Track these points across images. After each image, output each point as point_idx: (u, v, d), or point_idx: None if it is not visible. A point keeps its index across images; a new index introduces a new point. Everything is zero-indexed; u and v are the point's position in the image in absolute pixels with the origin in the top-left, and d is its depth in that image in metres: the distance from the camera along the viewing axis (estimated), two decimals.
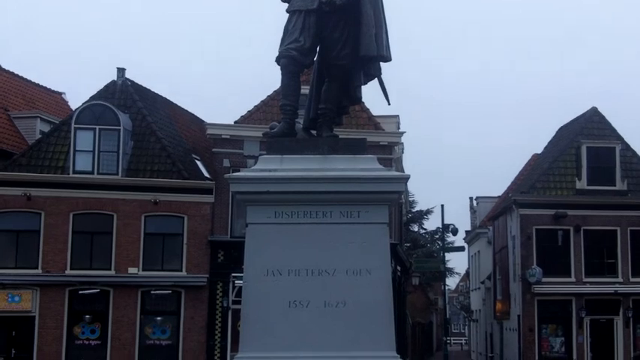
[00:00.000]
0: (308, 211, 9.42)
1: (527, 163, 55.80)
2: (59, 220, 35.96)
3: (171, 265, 36.97)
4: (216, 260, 37.12)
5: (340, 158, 9.64)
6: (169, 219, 37.10)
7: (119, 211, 36.47)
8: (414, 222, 74.43)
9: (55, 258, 35.86)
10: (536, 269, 40.86)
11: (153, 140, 38.09)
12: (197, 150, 41.08)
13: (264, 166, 9.59)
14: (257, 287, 9.31)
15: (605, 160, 42.31)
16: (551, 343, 41.40)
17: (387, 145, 38.44)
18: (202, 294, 36.90)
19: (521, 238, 41.94)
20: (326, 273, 9.29)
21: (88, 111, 37.18)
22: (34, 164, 36.70)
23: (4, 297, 35.45)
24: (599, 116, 45.02)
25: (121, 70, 40.29)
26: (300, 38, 9.88)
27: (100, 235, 36.47)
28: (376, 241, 9.44)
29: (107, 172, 36.73)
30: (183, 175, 37.26)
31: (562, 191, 42.56)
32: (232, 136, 38.01)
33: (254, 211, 9.50)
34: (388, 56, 10.17)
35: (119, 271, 36.27)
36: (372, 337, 9.19)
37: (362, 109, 38.99)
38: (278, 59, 10.01)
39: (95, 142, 36.61)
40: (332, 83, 10.21)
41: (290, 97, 10.06)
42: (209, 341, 36.75)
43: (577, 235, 41.49)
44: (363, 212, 9.46)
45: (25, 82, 46.38)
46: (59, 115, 44.17)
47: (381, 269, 9.42)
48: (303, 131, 10.30)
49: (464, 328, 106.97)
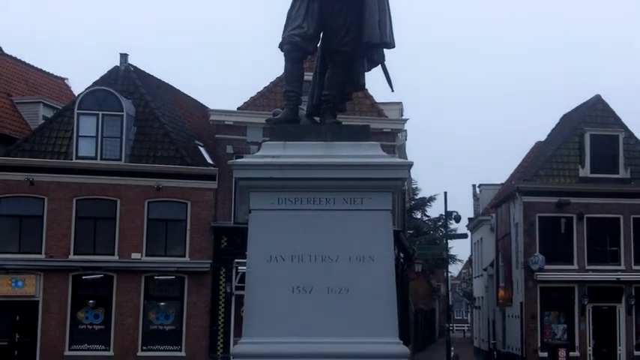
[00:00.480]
0: (311, 198, 9.42)
1: (530, 150, 55.73)
2: (62, 206, 36.01)
3: (175, 251, 37.04)
4: (219, 246, 37.18)
5: (343, 145, 9.63)
6: (172, 205, 37.14)
7: (122, 196, 36.52)
8: (417, 209, 74.48)
9: (58, 243, 35.94)
10: (539, 257, 40.90)
11: (156, 126, 38.10)
12: (200, 136, 41.09)
13: (267, 153, 9.58)
14: (260, 273, 9.32)
15: (609, 148, 42.28)
16: (554, 330, 41.47)
17: (390, 131, 38.42)
18: (205, 279, 36.97)
19: (524, 226, 41.95)
20: (329, 259, 9.30)
21: (90, 96, 37.18)
22: (37, 149, 36.73)
23: (8, 282, 35.53)
24: (603, 104, 44.95)
25: (123, 55, 40.27)
26: (304, 24, 9.86)
27: (104, 220, 36.53)
28: (379, 228, 9.43)
29: (110, 158, 36.76)
30: (186, 162, 37.28)
31: (565, 179, 42.53)
32: (235, 122, 38.00)
33: (257, 198, 9.50)
34: (392, 43, 10.13)
35: (122, 256, 36.35)
36: (375, 323, 9.20)
37: (365, 96, 38.95)
38: (281, 45, 9.98)
39: (98, 127, 36.62)
40: (335, 70, 10.19)
41: (293, 84, 10.04)
42: (212, 327, 36.85)
43: (580, 223, 41.50)
44: (367, 199, 9.45)
45: (28, 67, 46.37)
46: (62, 100, 44.17)
47: (384, 256, 9.41)
48: (306, 118, 10.28)
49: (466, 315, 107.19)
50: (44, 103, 42.18)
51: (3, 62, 44.12)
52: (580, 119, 44.38)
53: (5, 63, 44.28)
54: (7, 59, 44.88)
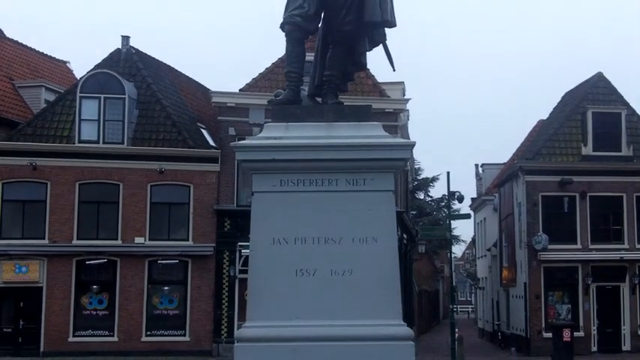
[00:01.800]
0: (314, 179, 9.38)
1: (532, 129, 55.61)
2: (65, 190, 36.02)
3: (178, 235, 37.07)
4: (222, 229, 37.19)
5: (345, 125, 9.58)
6: (175, 188, 37.14)
7: (125, 180, 36.52)
8: (419, 189, 74.45)
9: (61, 228, 35.96)
10: (542, 236, 40.85)
11: (158, 109, 38.06)
12: (202, 118, 41.04)
13: (270, 134, 9.54)
14: (263, 256, 9.29)
15: (611, 126, 42.13)
16: (558, 310, 41.46)
17: (393, 112, 38.35)
18: (209, 263, 37.01)
19: (527, 205, 41.87)
20: (332, 241, 9.26)
21: (92, 80, 37.13)
22: (39, 134, 36.70)
23: (12, 268, 35.58)
24: (605, 81, 44.79)
25: (125, 38, 40.18)
26: (305, 4, 9.79)
27: (107, 204, 36.54)
28: (382, 209, 9.39)
29: (112, 142, 36.75)
30: (188, 144, 37.25)
31: (567, 157, 42.44)
32: (237, 104, 37.95)
33: (260, 180, 9.46)
34: (393, 22, 10.07)
35: (126, 240, 36.37)
36: (379, 305, 9.17)
37: (367, 76, 38.85)
38: (282, 26, 9.93)
39: (100, 111, 36.59)
40: (337, 50, 10.13)
41: (295, 64, 9.99)
42: (216, 310, 36.92)
43: (583, 202, 41.41)
44: (369, 180, 9.41)
45: (29, 51, 46.30)
46: (64, 84, 44.13)
47: (388, 237, 9.38)
48: (308, 98, 10.24)
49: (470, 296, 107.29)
50: (46, 86, 42.14)
51: (4, 46, 44.05)
52: (582, 97, 44.23)
53: (7, 47, 44.21)
54: (9, 43, 44.81)
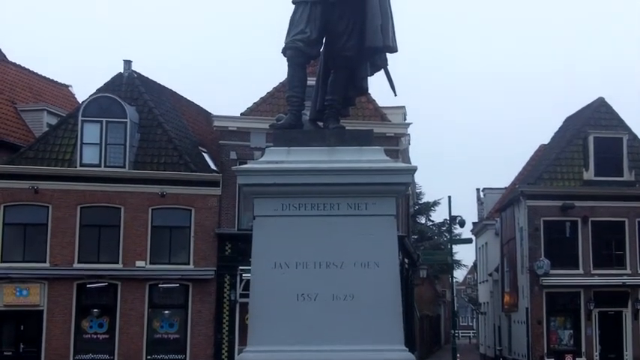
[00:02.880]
0: (315, 204, 9.37)
1: (534, 153, 55.67)
2: (67, 214, 35.99)
3: (179, 258, 36.99)
4: (223, 253, 37.12)
5: (347, 150, 9.59)
6: (176, 212, 37.10)
7: (126, 204, 36.49)
8: (421, 214, 74.38)
9: (62, 251, 35.90)
10: (544, 261, 40.79)
11: (160, 132, 38.09)
12: (204, 142, 41.07)
13: (271, 158, 9.55)
14: (265, 280, 9.26)
15: (613, 151, 42.17)
16: (560, 336, 41.33)
17: (394, 136, 38.36)
18: (210, 287, 36.91)
19: (529, 230, 41.84)
20: (334, 266, 9.25)
21: (94, 103, 37.18)
22: (41, 157, 36.71)
23: (13, 291, 35.49)
24: (607, 106, 44.89)
25: (127, 62, 40.28)
26: (307, 29, 9.83)
27: (108, 228, 36.48)
28: (384, 234, 9.39)
29: (114, 165, 36.75)
30: (190, 168, 37.26)
31: (569, 182, 42.45)
32: (239, 128, 37.98)
33: (261, 204, 9.46)
34: (394, 47, 10.11)
35: (127, 264, 36.30)
36: (381, 330, 9.14)
37: (368, 101, 38.90)
38: (284, 51, 9.96)
39: (102, 134, 36.62)
40: (338, 74, 10.17)
41: (296, 89, 10.02)
42: (217, 335, 36.77)
43: (585, 227, 41.38)
44: (371, 204, 9.41)
45: (32, 74, 46.40)
46: (66, 107, 44.20)
47: (389, 262, 9.37)
48: (309, 123, 10.25)
49: (472, 321, 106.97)
50: (48, 110, 42.20)
51: (7, 70, 44.16)
52: (584, 122, 44.30)
53: (9, 71, 44.32)
54: (11, 67, 44.93)
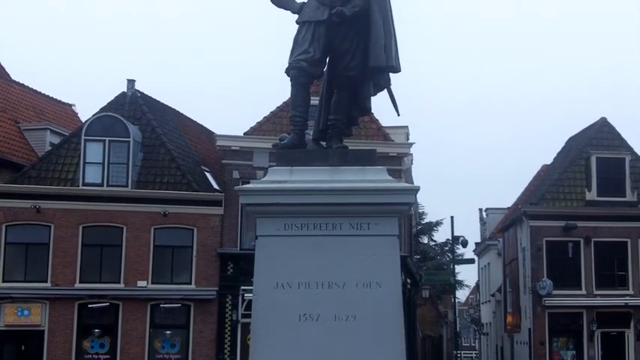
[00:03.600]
0: (318, 224, 9.37)
1: (536, 173, 55.69)
2: (69, 233, 35.95)
3: (181, 278, 36.91)
4: (225, 273, 37.05)
5: (350, 170, 9.60)
6: (179, 231, 37.06)
7: (128, 223, 36.46)
8: (423, 234, 74.28)
9: (64, 271, 35.85)
10: (547, 281, 40.71)
11: (162, 152, 38.11)
12: (206, 161, 41.08)
13: (274, 178, 9.55)
14: (267, 300, 9.24)
15: (615, 171, 42.20)
16: (563, 357, 41.19)
17: (397, 156, 38.35)
18: (212, 307, 36.81)
19: (532, 250, 41.79)
20: (336, 286, 9.23)
21: (97, 123, 37.22)
22: (43, 176, 36.72)
23: (14, 311, 35.40)
24: (609, 127, 44.93)
25: (130, 81, 40.34)
26: (310, 49, 9.86)
27: (110, 247, 36.43)
28: (386, 254, 9.37)
29: (117, 184, 36.75)
30: (192, 187, 37.25)
31: (572, 202, 42.43)
32: (242, 147, 37.99)
33: (264, 224, 9.46)
34: (397, 67, 10.14)
35: (128, 284, 36.23)
36: (383, 350, 9.11)
37: (371, 120, 38.93)
38: (287, 70, 9.99)
39: (105, 153, 36.63)
40: (341, 94, 10.19)
41: (299, 109, 10.04)
42: (218, 355, 36.65)
43: (587, 247, 41.33)
44: (373, 224, 9.40)
45: (35, 93, 46.48)
46: (69, 126, 44.25)
47: (392, 282, 9.35)
48: (312, 142, 10.27)
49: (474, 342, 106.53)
50: (51, 129, 42.25)
51: (10, 89, 44.26)
52: (586, 142, 44.33)
53: (13, 90, 44.42)
54: (15, 86, 45.03)
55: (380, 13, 9.92)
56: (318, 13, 9.97)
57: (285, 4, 10.26)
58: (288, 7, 10.24)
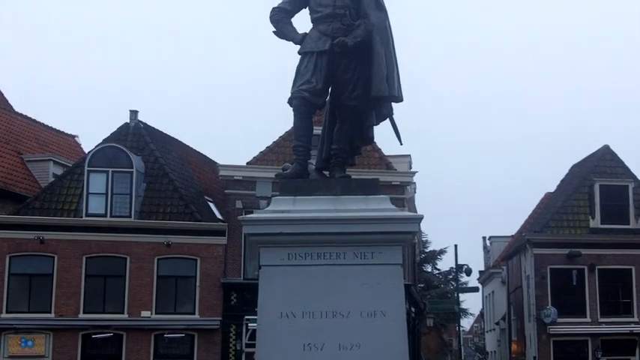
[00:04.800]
0: (321, 253, 9.39)
1: (540, 201, 55.66)
2: (72, 264, 35.95)
3: (184, 308, 36.85)
4: (229, 303, 36.98)
5: (353, 199, 9.63)
6: (182, 261, 37.04)
7: (132, 253, 36.45)
8: (427, 262, 74.12)
9: (68, 302, 35.81)
10: (551, 309, 40.59)
11: (165, 182, 38.16)
12: (209, 191, 41.13)
13: (277, 208, 9.58)
14: (271, 330, 9.24)
15: (619, 199, 42.19)
16: None
17: (399, 184, 38.38)
18: (215, 337, 36.72)
19: (536, 278, 41.70)
20: (340, 315, 9.23)
21: (100, 153, 37.31)
22: (47, 207, 36.76)
23: (18, 342, 35.32)
24: (612, 154, 44.95)
25: (133, 112, 40.47)
26: (312, 79, 9.92)
27: (113, 278, 36.41)
28: (390, 283, 9.38)
29: (120, 215, 36.78)
30: (195, 217, 37.26)
31: (576, 230, 42.40)
32: (245, 177, 38.04)
33: (267, 253, 9.47)
34: (400, 97, 10.21)
35: (132, 314, 36.16)
36: None
37: (374, 149, 39.00)
38: (290, 100, 10.05)
39: (108, 184, 36.69)
40: (344, 124, 10.24)
41: (302, 138, 10.08)
42: None
43: (592, 275, 41.25)
44: (377, 253, 9.42)
45: (38, 125, 46.63)
46: (72, 158, 44.34)
47: (396, 311, 9.35)
48: (315, 172, 10.30)
49: None
50: (54, 160, 42.34)
51: (14, 121, 44.42)
52: (589, 170, 44.36)
53: (16, 121, 44.57)
54: (18, 117, 45.19)
55: (382, 43, 9.99)
56: (320, 44, 10.04)
57: (287, 35, 10.34)
58: (290, 37, 10.31)
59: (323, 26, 10.12)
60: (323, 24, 10.13)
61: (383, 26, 10.09)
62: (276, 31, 10.37)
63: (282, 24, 10.35)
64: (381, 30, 10.05)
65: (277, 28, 10.36)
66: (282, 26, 10.35)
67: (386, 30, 10.13)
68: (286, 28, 10.35)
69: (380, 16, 10.09)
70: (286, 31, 10.34)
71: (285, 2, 10.42)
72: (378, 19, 10.05)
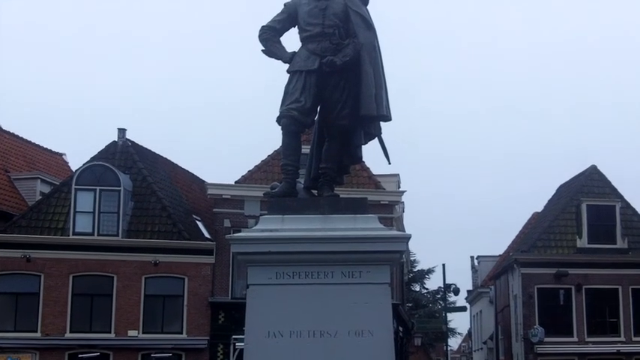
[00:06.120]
0: (309, 272, 9.38)
1: (527, 221, 55.76)
2: (59, 282, 35.80)
3: (172, 328, 36.72)
4: (216, 322, 36.87)
5: (341, 218, 9.63)
6: (170, 280, 36.95)
7: (119, 272, 36.34)
8: (415, 282, 74.11)
9: (54, 321, 35.63)
10: (539, 329, 40.62)
11: (153, 200, 38.10)
12: (198, 210, 41.07)
13: (266, 227, 9.57)
14: (258, 349, 9.21)
15: (606, 219, 42.32)
16: None
17: (388, 204, 38.42)
18: (203, 356, 36.58)
19: (523, 298, 41.74)
20: (327, 334, 9.20)
21: (88, 172, 37.25)
22: (34, 226, 36.64)
23: None
24: (599, 174, 45.11)
25: (121, 130, 40.45)
26: (301, 98, 9.95)
27: (100, 297, 36.28)
28: (378, 302, 9.37)
29: (107, 234, 36.67)
30: (183, 236, 37.19)
31: (563, 250, 42.48)
32: (233, 196, 38.02)
33: (255, 272, 9.46)
34: (388, 116, 10.23)
35: (119, 333, 36.00)
36: None
37: (362, 168, 39.05)
38: (279, 119, 10.06)
39: (95, 202, 36.61)
40: (332, 143, 10.25)
41: (291, 157, 10.09)
42: None
43: (579, 294, 41.31)
44: (365, 272, 9.42)
45: (25, 143, 46.51)
46: (60, 176, 44.22)
47: (384, 330, 9.33)
48: (304, 191, 10.31)
49: None
50: (42, 178, 42.20)
51: (1, 138, 44.28)
52: (576, 190, 44.50)
53: (3, 139, 44.44)
54: (5, 135, 45.05)
55: (370, 62, 10.02)
56: (309, 63, 10.07)
57: (276, 54, 10.37)
58: (279, 56, 10.34)
59: (312, 45, 10.15)
60: (312, 43, 10.16)
61: (372, 46, 10.12)
62: (265, 49, 10.40)
63: (271, 43, 10.38)
64: (370, 49, 10.08)
65: (266, 46, 10.39)
66: (271, 45, 10.38)
67: (374, 49, 10.16)
68: (275, 46, 10.38)
69: (369, 36, 10.13)
70: (275, 49, 10.37)
71: (274, 21, 10.45)
72: (366, 38, 10.09)
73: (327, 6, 10.21)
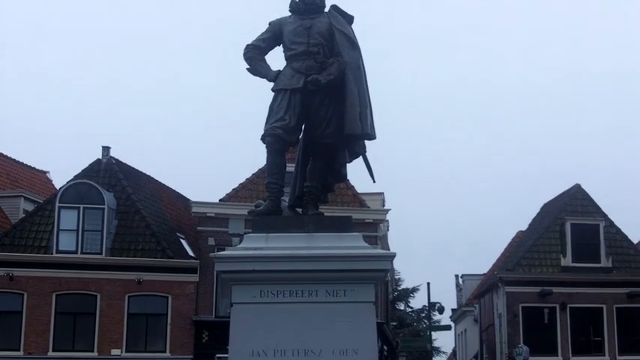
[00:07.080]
0: (294, 290, 9.36)
1: (512, 240, 55.83)
2: (42, 301, 35.59)
3: (155, 346, 36.54)
4: (200, 341, 36.70)
5: (326, 236, 9.62)
6: (153, 299, 36.79)
7: (103, 291, 36.17)
8: (400, 300, 74.05)
9: (37, 339, 35.40)
10: (523, 348, 40.58)
11: (137, 219, 37.97)
12: (182, 228, 40.95)
13: (250, 245, 9.56)
14: None
15: (590, 237, 42.38)
16: None
17: (372, 222, 38.43)
18: None
19: (508, 316, 41.72)
20: (312, 353, 9.18)
21: (72, 190, 37.11)
22: (17, 244, 36.46)
23: None
24: (583, 193, 45.22)
25: (105, 148, 40.34)
26: (286, 117, 9.96)
27: (83, 315, 36.11)
28: (362, 321, 9.36)
29: (91, 252, 36.51)
30: (167, 254, 37.07)
31: (547, 268, 42.51)
32: (217, 214, 37.95)
33: (239, 291, 9.43)
34: (373, 134, 10.25)
35: (102, 352, 35.80)
36: None
37: (347, 187, 39.04)
38: (263, 137, 10.07)
39: (79, 221, 36.45)
40: (317, 161, 10.26)
41: (275, 176, 10.09)
42: None
43: (563, 313, 41.33)
44: (349, 291, 9.41)
45: (9, 160, 46.28)
46: (43, 194, 44.01)
47: (368, 349, 9.31)
48: (288, 209, 10.30)
49: None
50: (25, 196, 41.97)
51: None
52: (560, 208, 44.57)
53: None
54: None
55: (355, 81, 10.05)
56: (293, 81, 10.08)
57: (260, 72, 10.38)
58: (263, 74, 10.36)
59: (297, 64, 10.17)
60: (297, 61, 10.18)
61: (356, 65, 10.15)
62: (249, 68, 10.42)
63: (256, 61, 10.40)
64: (354, 68, 10.11)
65: (251, 65, 10.41)
66: (256, 63, 10.40)
67: (359, 68, 10.19)
68: (260, 65, 10.40)
69: (353, 55, 10.16)
70: (260, 68, 10.38)
71: (259, 39, 10.47)
72: (351, 57, 10.12)
73: (311, 25, 10.24)
